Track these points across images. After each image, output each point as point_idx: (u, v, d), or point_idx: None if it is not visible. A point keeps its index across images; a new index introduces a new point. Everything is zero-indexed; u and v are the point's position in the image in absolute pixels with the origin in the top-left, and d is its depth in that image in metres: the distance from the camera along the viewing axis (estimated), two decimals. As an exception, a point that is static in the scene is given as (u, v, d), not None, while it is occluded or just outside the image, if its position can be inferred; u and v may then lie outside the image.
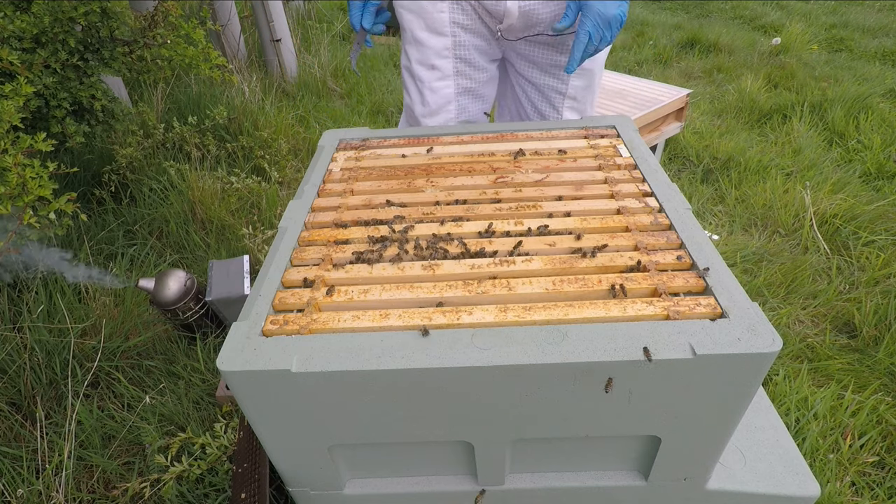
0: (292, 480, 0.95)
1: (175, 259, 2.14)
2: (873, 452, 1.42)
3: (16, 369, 1.60)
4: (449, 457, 0.92)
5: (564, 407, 0.77)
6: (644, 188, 1.04)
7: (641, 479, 0.93)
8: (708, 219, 2.42)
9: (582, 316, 0.77)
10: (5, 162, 1.37)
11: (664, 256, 0.87)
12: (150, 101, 2.93)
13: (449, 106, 1.49)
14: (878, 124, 3.06)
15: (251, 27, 4.04)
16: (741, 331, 0.71)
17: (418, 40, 1.40)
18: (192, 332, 1.77)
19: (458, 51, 1.41)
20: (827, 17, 5.40)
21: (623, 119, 1.30)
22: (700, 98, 3.68)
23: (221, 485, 1.36)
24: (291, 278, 0.89)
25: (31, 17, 1.75)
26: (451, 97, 1.48)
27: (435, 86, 1.45)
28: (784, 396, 1.54)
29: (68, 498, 1.34)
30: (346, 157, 1.25)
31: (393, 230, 0.97)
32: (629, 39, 4.99)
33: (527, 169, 1.13)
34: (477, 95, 1.52)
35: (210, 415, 1.55)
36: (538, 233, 0.95)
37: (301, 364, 0.72)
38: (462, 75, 1.46)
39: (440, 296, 0.82)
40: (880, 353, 1.67)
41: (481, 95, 1.53)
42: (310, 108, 3.28)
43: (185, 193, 2.29)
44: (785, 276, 2.00)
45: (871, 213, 2.26)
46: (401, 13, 1.40)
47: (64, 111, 1.86)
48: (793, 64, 4.06)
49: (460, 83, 1.47)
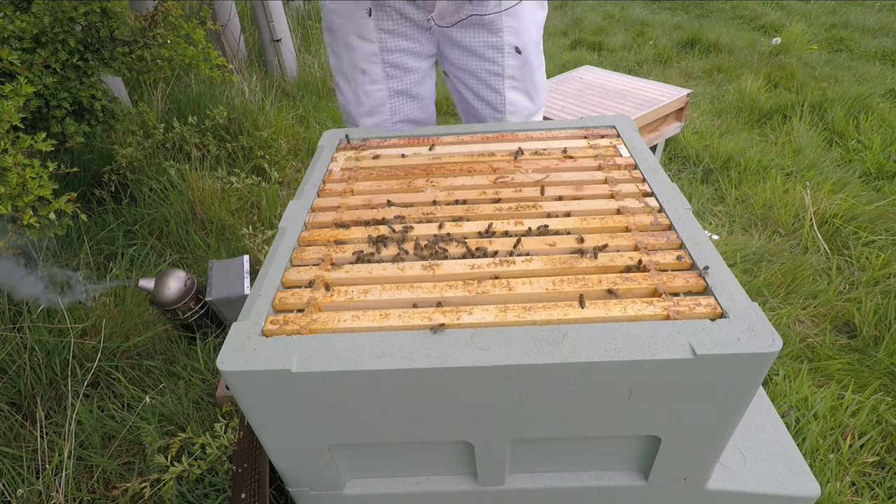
0: (292, 480, 0.95)
1: (175, 259, 2.14)
2: (873, 452, 1.42)
3: (16, 369, 1.60)
4: (449, 457, 0.92)
5: (564, 407, 0.77)
6: (644, 188, 1.04)
7: (641, 479, 0.93)
8: (708, 219, 2.42)
9: (582, 316, 0.77)
10: (5, 162, 1.37)
11: (664, 256, 0.87)
12: (150, 101, 2.93)
13: (383, 108, 1.51)
14: (878, 124, 3.06)
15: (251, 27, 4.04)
16: (741, 331, 0.71)
17: (349, 44, 1.41)
18: (192, 332, 1.77)
19: (386, 56, 1.42)
20: (827, 17, 5.40)
21: (623, 119, 1.30)
22: (700, 98, 3.68)
23: (221, 485, 1.36)
24: (291, 278, 0.89)
25: (31, 17, 1.75)
26: (385, 99, 1.49)
27: (367, 89, 1.47)
28: (784, 396, 1.54)
29: (68, 498, 1.34)
30: (346, 157, 1.25)
31: (393, 230, 0.97)
32: (629, 39, 4.99)
33: (527, 169, 1.13)
34: (411, 96, 1.53)
35: (210, 415, 1.55)
36: (538, 233, 0.95)
37: (301, 364, 0.72)
38: (393, 78, 1.47)
39: (440, 296, 0.82)
40: (880, 353, 1.67)
41: (415, 95, 1.54)
42: (310, 108, 3.28)
43: (185, 193, 2.29)
44: (785, 276, 2.00)
45: (871, 213, 2.26)
46: (331, 17, 1.39)
47: (64, 111, 1.86)
48: (793, 64, 4.06)
49: (391, 86, 1.48)
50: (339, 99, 1.55)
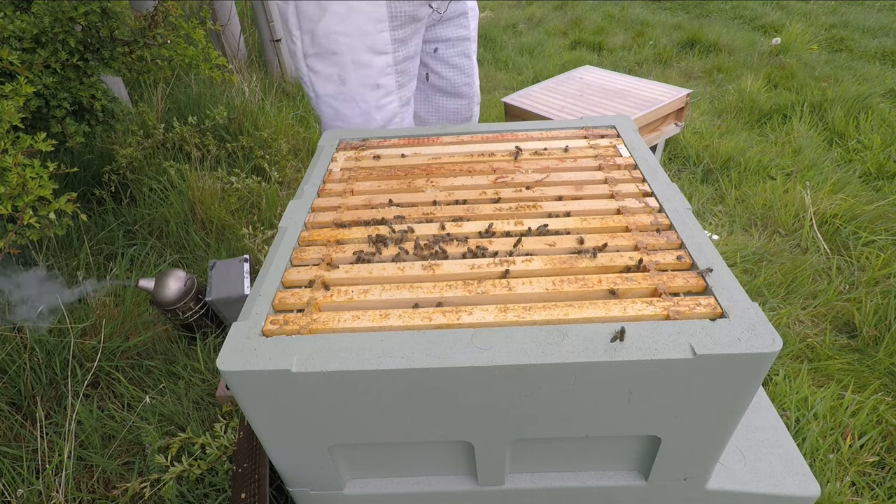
0: (292, 480, 0.95)
1: (175, 259, 2.14)
2: (873, 452, 1.42)
3: (16, 369, 1.60)
4: (449, 457, 0.92)
5: (564, 407, 0.77)
6: (644, 188, 1.04)
7: (641, 479, 0.93)
8: (708, 219, 2.42)
9: (582, 316, 0.77)
10: (5, 162, 1.37)
11: (664, 256, 0.87)
12: (150, 101, 2.93)
13: (394, 119, 1.50)
14: (878, 124, 3.06)
15: (251, 27, 4.04)
16: (741, 331, 0.71)
17: (360, 63, 1.37)
18: (192, 332, 1.77)
19: (399, 65, 1.43)
20: (827, 17, 5.40)
21: (623, 119, 1.30)
22: (700, 98, 3.68)
23: (221, 485, 1.36)
24: (291, 278, 0.89)
25: (31, 17, 1.75)
26: (396, 110, 1.49)
27: (381, 103, 1.45)
28: (784, 396, 1.54)
29: (68, 498, 1.34)
30: (346, 157, 1.25)
31: (393, 230, 0.97)
32: (629, 39, 4.99)
33: (527, 169, 1.13)
34: (409, 103, 1.55)
35: (210, 415, 1.55)
36: (538, 233, 0.95)
37: (301, 364, 0.72)
38: (403, 87, 1.48)
39: (440, 296, 0.82)
40: (880, 353, 1.67)
41: (410, 100, 1.56)
42: (310, 108, 3.28)
43: (185, 193, 2.29)
44: (785, 276, 2.00)
45: (871, 213, 2.26)
46: (334, 40, 1.34)
47: (64, 111, 1.86)
48: (793, 64, 4.06)
49: (402, 95, 1.49)
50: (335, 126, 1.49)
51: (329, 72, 1.40)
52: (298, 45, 1.39)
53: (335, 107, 1.46)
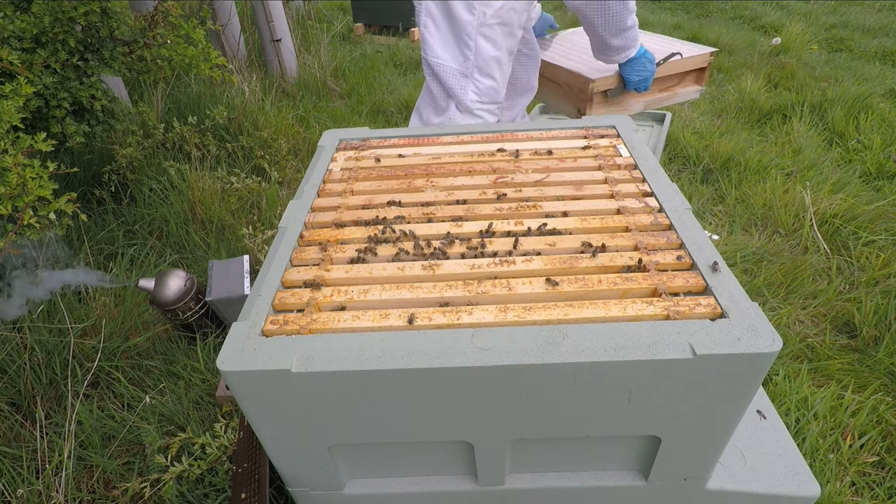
0: (292, 480, 0.95)
1: (175, 259, 2.14)
2: (873, 452, 1.42)
3: (16, 369, 1.60)
4: (449, 457, 0.92)
5: (564, 407, 0.77)
6: (644, 188, 1.04)
7: (641, 479, 0.93)
8: (708, 219, 2.42)
9: (582, 316, 0.77)
10: (5, 162, 1.37)
11: (664, 256, 0.87)
12: (150, 101, 2.93)
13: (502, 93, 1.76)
14: (878, 124, 3.06)
15: (251, 27, 4.04)
16: (741, 331, 0.71)
17: (513, 35, 1.66)
18: (192, 332, 1.77)
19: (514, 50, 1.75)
20: (827, 17, 5.40)
21: (623, 119, 1.30)
22: (700, 98, 3.67)
23: (221, 485, 1.36)
24: (291, 278, 0.89)
25: (31, 17, 1.75)
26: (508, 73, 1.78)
27: (511, 68, 1.78)
28: (784, 396, 1.54)
29: (68, 498, 1.34)
30: (346, 157, 1.25)
31: (393, 230, 0.97)
32: (629, 39, 4.98)
33: (527, 169, 1.13)
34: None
35: (210, 415, 1.55)
36: (538, 233, 0.95)
37: (301, 364, 0.72)
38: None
39: (440, 296, 0.82)
40: (880, 353, 1.67)
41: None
42: (310, 108, 3.28)
43: (185, 193, 2.29)
44: (785, 276, 2.00)
45: (871, 213, 2.26)
46: (508, 11, 1.61)
47: (64, 111, 1.86)
48: (793, 64, 4.06)
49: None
50: (481, 87, 1.69)
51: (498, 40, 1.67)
52: None
53: (491, 71, 1.70)
